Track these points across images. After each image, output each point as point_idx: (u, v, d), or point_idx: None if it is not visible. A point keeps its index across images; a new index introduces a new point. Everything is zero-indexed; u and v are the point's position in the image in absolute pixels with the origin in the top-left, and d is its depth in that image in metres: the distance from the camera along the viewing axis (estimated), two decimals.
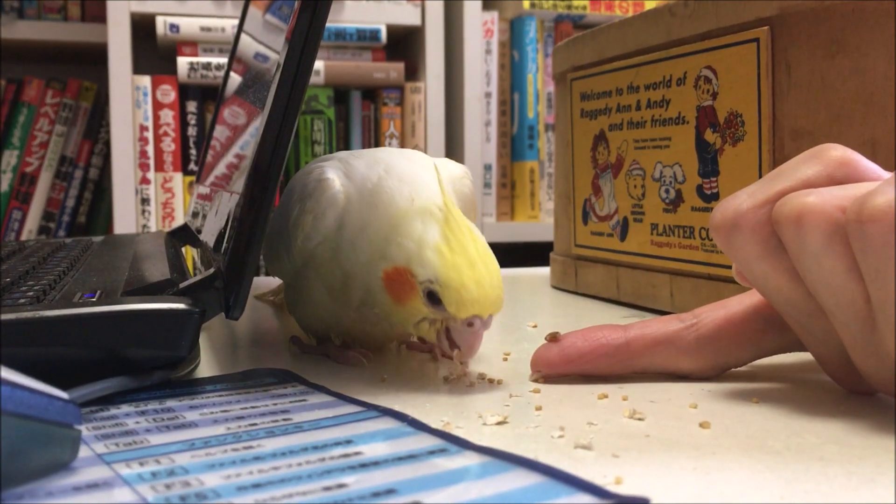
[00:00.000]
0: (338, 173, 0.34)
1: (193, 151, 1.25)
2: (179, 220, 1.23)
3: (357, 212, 0.33)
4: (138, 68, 1.23)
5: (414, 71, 1.33)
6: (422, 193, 0.32)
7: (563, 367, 0.31)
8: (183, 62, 1.21)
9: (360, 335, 0.35)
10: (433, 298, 0.30)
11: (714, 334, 0.30)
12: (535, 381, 0.31)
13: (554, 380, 0.31)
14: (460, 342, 0.30)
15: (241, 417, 0.26)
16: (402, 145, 1.31)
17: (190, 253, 1.04)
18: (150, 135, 1.22)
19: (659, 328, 0.31)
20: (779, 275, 0.26)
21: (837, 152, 0.27)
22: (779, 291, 0.27)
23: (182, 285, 0.32)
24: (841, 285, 0.25)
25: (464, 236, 0.30)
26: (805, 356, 0.35)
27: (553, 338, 0.31)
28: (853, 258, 0.24)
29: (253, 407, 0.28)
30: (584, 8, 1.35)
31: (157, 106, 1.22)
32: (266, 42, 0.41)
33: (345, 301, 0.33)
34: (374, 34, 1.27)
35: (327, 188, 0.33)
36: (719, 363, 0.31)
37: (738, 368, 0.33)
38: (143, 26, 1.24)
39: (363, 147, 1.30)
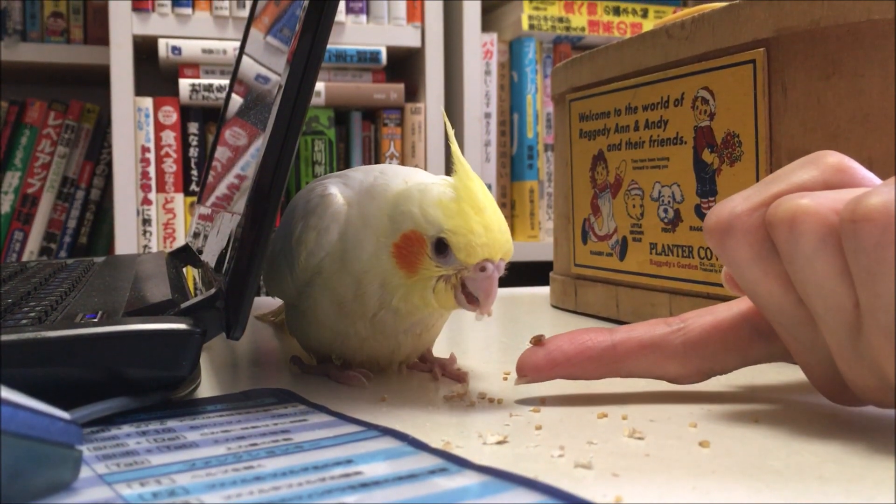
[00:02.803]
0: (339, 187, 0.34)
1: (195, 172, 1.25)
2: (180, 240, 1.24)
3: (357, 212, 0.33)
4: (140, 90, 1.24)
5: (414, 92, 1.33)
6: (415, 179, 0.33)
7: (548, 371, 0.31)
8: (185, 84, 1.22)
9: (368, 351, 0.35)
10: (441, 249, 0.30)
11: (701, 339, 0.30)
12: (521, 384, 0.31)
13: (553, 400, 0.31)
14: (477, 291, 0.30)
15: (241, 437, 0.26)
16: (403, 165, 1.31)
17: (191, 273, 1.05)
18: (151, 156, 1.22)
19: (646, 332, 0.31)
20: (770, 280, 0.26)
21: (834, 158, 0.27)
22: (769, 297, 0.27)
23: (183, 305, 0.32)
24: (831, 289, 0.24)
25: (472, 182, 0.31)
26: (804, 377, 0.35)
27: (538, 341, 0.31)
28: (845, 262, 0.24)
29: (253, 427, 0.28)
30: (583, 29, 1.36)
31: (159, 127, 1.23)
32: (267, 64, 0.41)
33: (360, 310, 0.33)
34: (375, 56, 1.28)
35: (330, 204, 0.34)
36: (705, 369, 0.31)
37: (737, 389, 0.33)
38: (145, 48, 1.25)
39: None
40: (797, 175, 0.27)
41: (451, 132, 0.32)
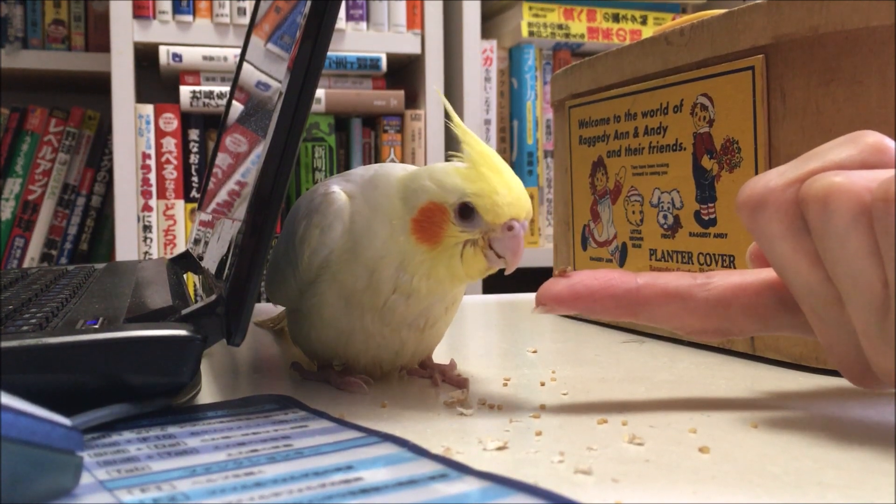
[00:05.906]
0: (341, 185, 0.35)
1: (195, 179, 1.25)
2: (181, 247, 1.24)
3: (363, 202, 0.34)
4: (141, 97, 1.24)
5: (414, 98, 1.34)
6: (412, 168, 0.34)
7: (569, 303, 0.30)
8: (185, 91, 1.23)
9: (371, 351, 0.35)
10: (466, 214, 0.31)
11: (725, 298, 0.29)
12: (539, 314, 0.31)
13: (553, 406, 0.31)
14: (504, 251, 0.31)
15: (242, 443, 0.26)
16: None
17: (191, 280, 1.05)
18: (152, 162, 1.23)
19: (671, 281, 0.30)
20: (799, 256, 0.26)
21: (873, 138, 0.27)
22: (797, 274, 0.26)
23: (184, 312, 0.32)
24: (861, 268, 0.24)
25: (484, 147, 0.32)
26: (803, 383, 0.35)
27: (563, 272, 0.31)
28: (876, 241, 0.24)
29: (254, 433, 0.28)
30: (582, 36, 1.36)
31: (160, 134, 1.23)
32: (268, 71, 0.41)
33: (370, 301, 0.33)
34: (375, 62, 1.28)
35: (333, 201, 0.34)
36: (723, 328, 0.30)
37: (737, 394, 0.33)
38: (146, 56, 1.26)
39: None
40: (835, 153, 0.26)
41: (450, 108, 0.33)
